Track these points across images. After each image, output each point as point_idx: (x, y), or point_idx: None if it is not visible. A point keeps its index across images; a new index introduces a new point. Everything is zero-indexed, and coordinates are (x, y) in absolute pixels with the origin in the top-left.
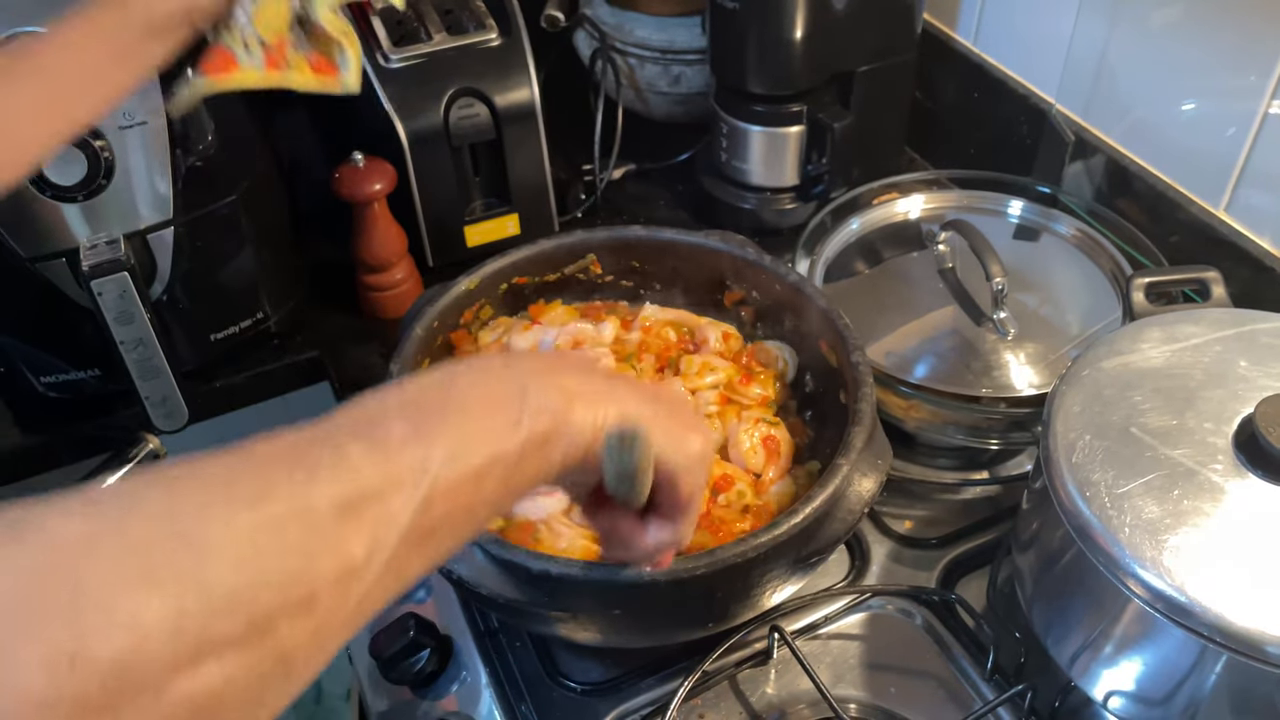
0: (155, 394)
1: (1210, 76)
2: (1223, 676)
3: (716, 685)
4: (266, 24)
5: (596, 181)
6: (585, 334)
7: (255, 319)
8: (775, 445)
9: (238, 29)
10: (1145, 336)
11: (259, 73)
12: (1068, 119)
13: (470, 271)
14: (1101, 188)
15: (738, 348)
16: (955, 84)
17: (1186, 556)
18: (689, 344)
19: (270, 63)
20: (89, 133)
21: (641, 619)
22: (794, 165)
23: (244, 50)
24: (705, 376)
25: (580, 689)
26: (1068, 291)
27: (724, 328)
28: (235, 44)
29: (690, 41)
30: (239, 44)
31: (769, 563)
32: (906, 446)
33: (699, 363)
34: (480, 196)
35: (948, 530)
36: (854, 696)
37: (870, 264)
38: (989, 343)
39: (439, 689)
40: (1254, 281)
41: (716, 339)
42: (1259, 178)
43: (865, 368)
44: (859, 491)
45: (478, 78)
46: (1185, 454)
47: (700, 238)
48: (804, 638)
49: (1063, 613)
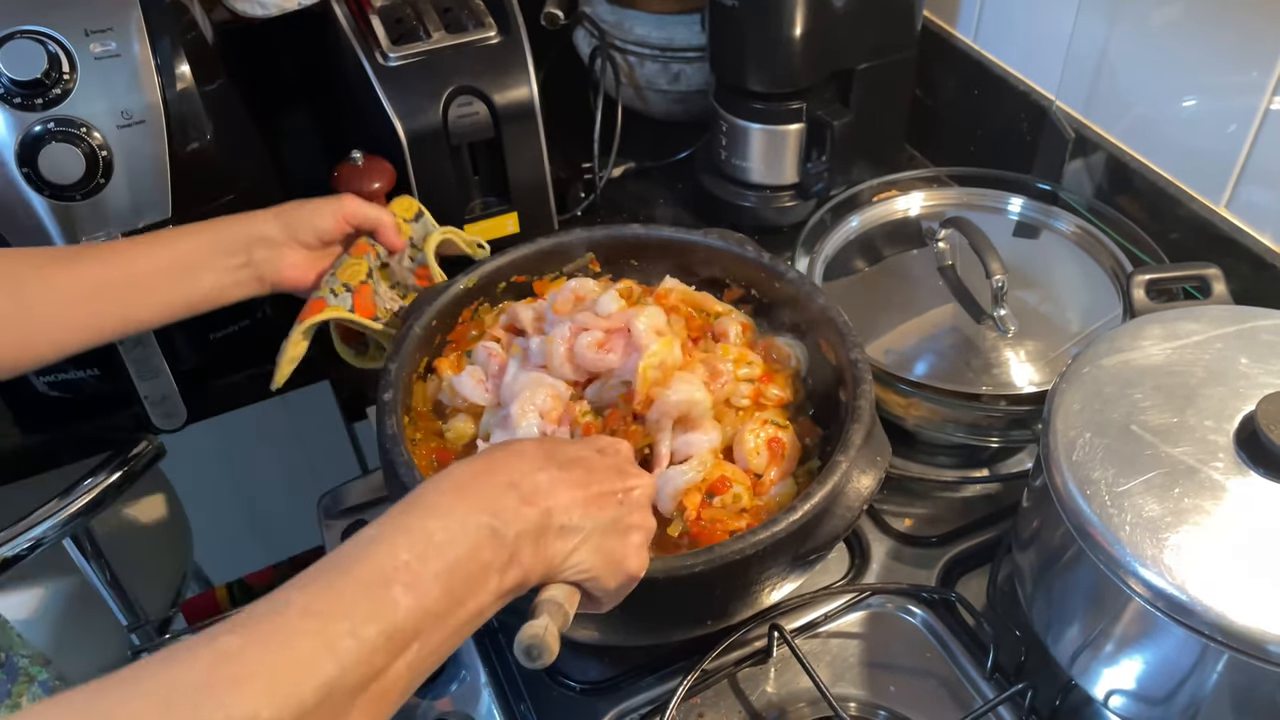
0: (154, 393)
1: (1211, 73)
2: (1224, 675)
3: (716, 684)
4: (350, 275)
5: (596, 180)
6: (586, 288)
7: (254, 318)
8: (780, 448)
9: (325, 281)
10: (1146, 334)
11: (347, 311)
12: (1068, 116)
13: (468, 270)
14: (1102, 185)
15: (753, 341)
16: (955, 81)
17: (1187, 555)
18: (709, 329)
19: (359, 306)
20: (86, 132)
21: (640, 616)
22: (794, 163)
23: (331, 295)
24: (741, 368)
25: (579, 688)
26: (1068, 289)
27: (742, 320)
28: (324, 292)
29: (690, 39)
30: (327, 291)
31: (767, 560)
32: (906, 444)
33: (736, 351)
34: (479, 195)
35: (948, 528)
36: (854, 695)
37: (870, 262)
38: (989, 340)
39: (438, 688)
40: (1255, 278)
41: (736, 334)
42: (1260, 174)
43: (864, 365)
44: (858, 488)
45: (477, 76)
46: (1186, 452)
47: (699, 236)
48: (803, 636)
49: (1063, 611)
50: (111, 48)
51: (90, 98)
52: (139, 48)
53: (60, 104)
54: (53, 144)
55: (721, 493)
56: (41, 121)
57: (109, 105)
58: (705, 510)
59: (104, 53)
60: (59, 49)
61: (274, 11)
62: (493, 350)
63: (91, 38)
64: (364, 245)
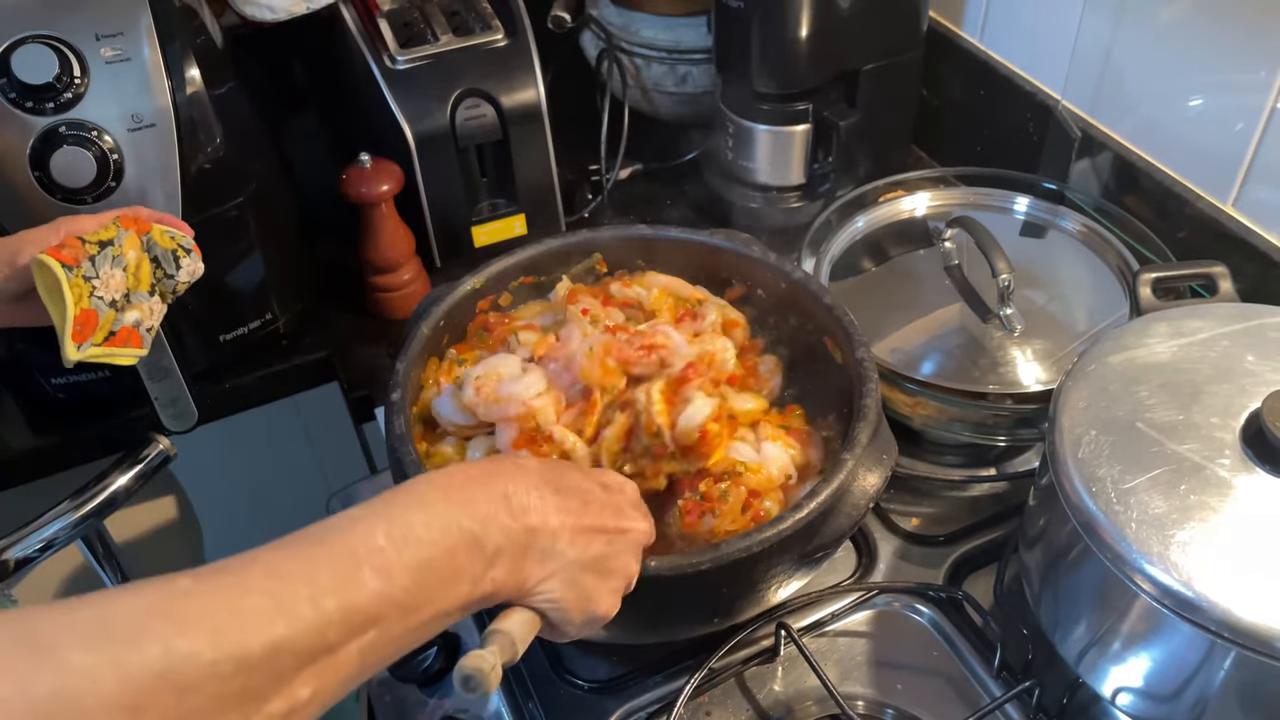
0: (165, 395)
1: (1217, 72)
2: (1231, 672)
3: (723, 682)
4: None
5: (603, 181)
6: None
7: (264, 320)
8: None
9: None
10: (1152, 332)
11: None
12: (1074, 115)
13: (477, 271)
14: (1108, 184)
15: (743, 341)
16: (961, 81)
17: (1193, 551)
18: (690, 314)
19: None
20: (98, 135)
21: (647, 615)
22: (800, 164)
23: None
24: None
25: (587, 686)
26: (1074, 288)
27: (731, 315)
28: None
29: (696, 41)
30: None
31: (774, 558)
32: (913, 444)
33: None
34: (487, 197)
35: (955, 527)
36: (861, 694)
37: (876, 261)
38: (995, 339)
39: (446, 686)
40: (1262, 277)
41: (714, 321)
42: (1267, 173)
43: (871, 364)
44: (864, 487)
45: (484, 79)
46: (1192, 449)
47: (705, 236)
48: (811, 635)
49: (1070, 609)
50: (122, 52)
51: (101, 101)
52: (149, 52)
53: (72, 108)
54: (64, 147)
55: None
56: (53, 125)
57: (120, 109)
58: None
59: (115, 57)
60: (70, 53)
61: (282, 16)
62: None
63: (102, 42)
64: (143, 223)
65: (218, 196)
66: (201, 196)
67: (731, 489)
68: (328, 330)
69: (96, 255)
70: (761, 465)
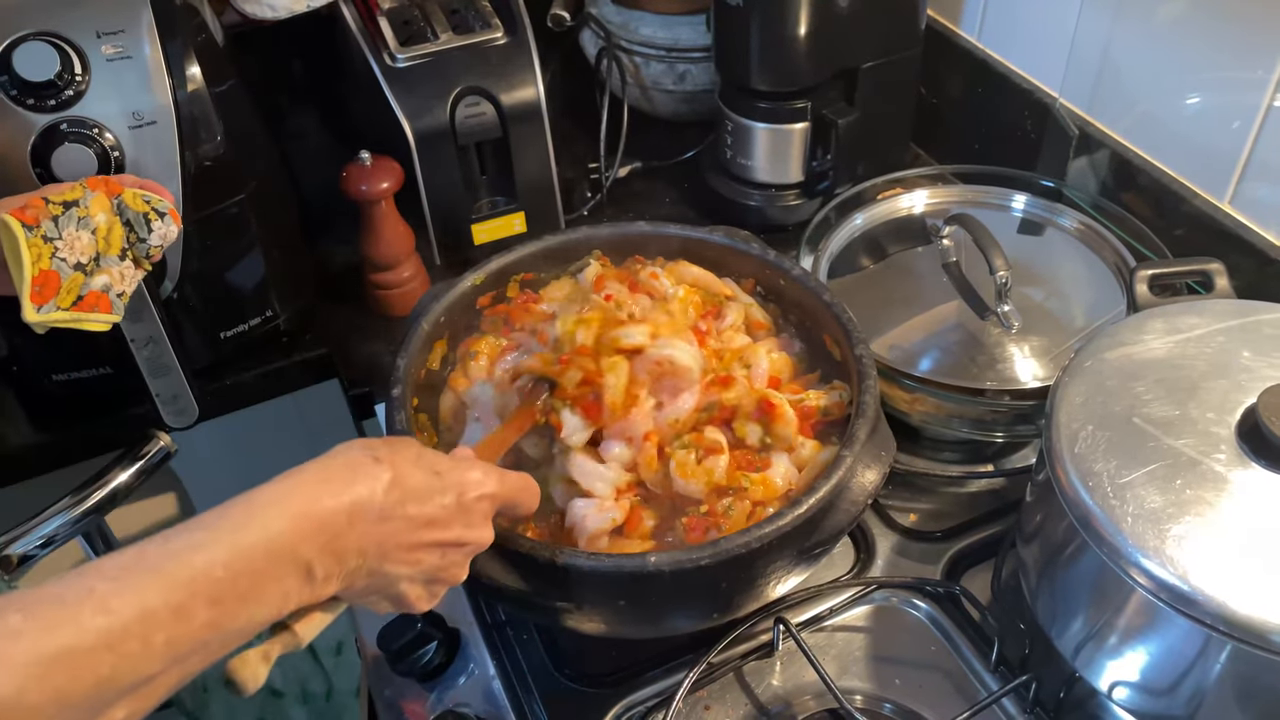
0: (166, 391)
1: (1214, 70)
2: (1227, 665)
3: (722, 677)
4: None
5: (603, 179)
6: None
7: (265, 317)
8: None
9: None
10: (1148, 328)
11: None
12: (1072, 113)
13: (476, 268)
14: (1106, 181)
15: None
16: (959, 79)
17: (1190, 546)
18: (715, 311)
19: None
20: (99, 133)
21: (647, 609)
22: (799, 162)
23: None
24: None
25: (586, 681)
26: (1072, 285)
27: (758, 316)
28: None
29: (695, 39)
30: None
31: (773, 554)
32: (911, 440)
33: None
34: (487, 195)
35: (952, 523)
36: (859, 688)
37: (875, 259)
38: (993, 336)
39: (446, 681)
40: (1258, 274)
41: (734, 321)
42: (1264, 170)
43: (869, 361)
44: (862, 483)
45: (484, 77)
46: (1188, 444)
47: (704, 233)
48: (809, 630)
49: (1067, 603)
50: (123, 49)
51: (102, 99)
52: (150, 49)
53: (73, 105)
54: (65, 145)
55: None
56: (55, 123)
57: (121, 106)
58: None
59: (116, 54)
60: (71, 51)
61: (283, 14)
62: None
63: (103, 39)
64: (114, 184)
65: (218, 194)
66: (202, 194)
67: (736, 503)
68: (328, 327)
69: (60, 216)
70: (766, 478)
